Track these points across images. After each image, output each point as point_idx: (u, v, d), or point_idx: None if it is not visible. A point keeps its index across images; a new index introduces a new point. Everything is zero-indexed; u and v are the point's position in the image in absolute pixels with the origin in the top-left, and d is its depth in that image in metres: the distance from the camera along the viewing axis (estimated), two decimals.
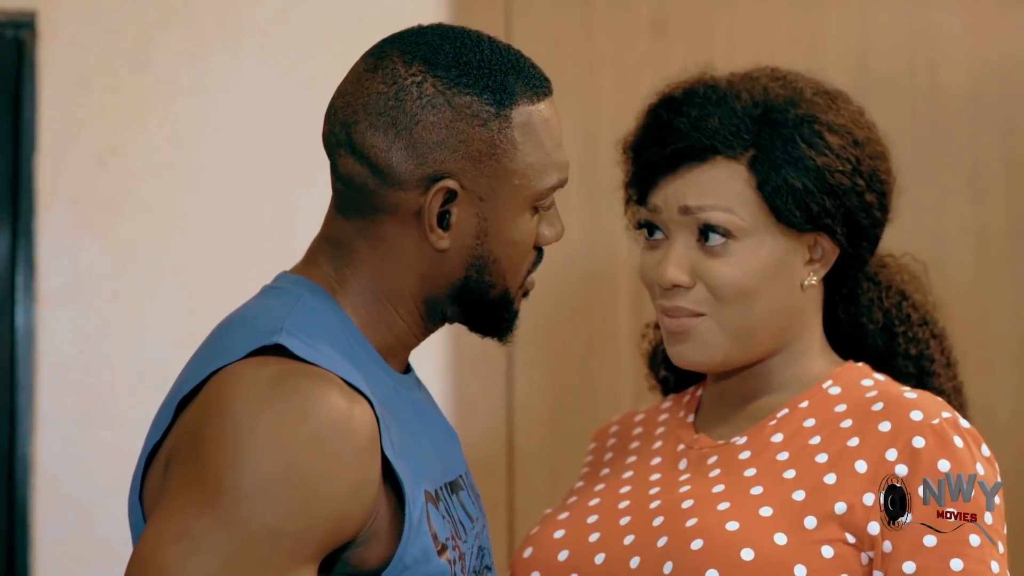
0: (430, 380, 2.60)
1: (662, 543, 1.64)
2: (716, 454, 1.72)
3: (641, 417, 1.89)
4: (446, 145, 1.47)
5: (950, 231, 2.57)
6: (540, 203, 1.54)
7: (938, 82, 2.57)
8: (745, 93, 1.71)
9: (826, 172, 1.69)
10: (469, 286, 1.53)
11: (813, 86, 1.75)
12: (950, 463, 1.61)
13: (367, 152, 1.48)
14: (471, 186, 1.49)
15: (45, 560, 2.58)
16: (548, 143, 1.52)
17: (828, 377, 1.74)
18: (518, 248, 1.53)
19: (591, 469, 1.87)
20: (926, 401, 1.67)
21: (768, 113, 1.70)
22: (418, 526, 1.45)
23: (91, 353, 2.61)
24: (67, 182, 2.62)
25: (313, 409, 1.38)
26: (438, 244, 1.49)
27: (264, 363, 1.41)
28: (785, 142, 1.68)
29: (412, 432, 1.52)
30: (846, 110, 1.74)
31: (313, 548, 1.37)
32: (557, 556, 1.70)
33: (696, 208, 1.68)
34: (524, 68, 1.51)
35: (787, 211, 1.68)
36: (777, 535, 1.60)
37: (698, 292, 1.69)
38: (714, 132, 1.68)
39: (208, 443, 1.37)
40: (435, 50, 1.49)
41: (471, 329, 1.59)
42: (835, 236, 1.71)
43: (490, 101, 1.48)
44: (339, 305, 1.51)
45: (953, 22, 2.58)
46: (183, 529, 1.34)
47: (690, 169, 1.70)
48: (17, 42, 2.63)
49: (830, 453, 1.66)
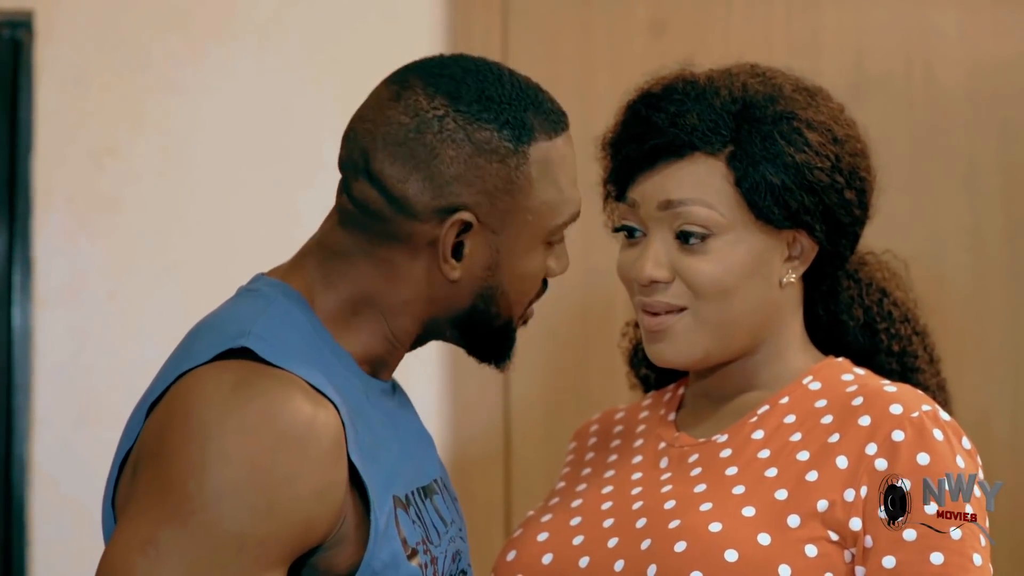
0: (427, 382, 2.61)
1: (646, 545, 1.63)
2: (697, 452, 1.72)
3: (621, 415, 1.89)
4: (463, 179, 1.48)
5: (946, 230, 2.57)
6: (552, 238, 1.55)
7: (934, 82, 2.57)
8: (724, 89, 1.71)
9: (805, 169, 1.68)
10: (474, 315, 1.54)
11: (792, 82, 1.74)
12: (929, 457, 1.61)
13: (384, 180, 1.48)
14: (486, 219, 1.50)
15: (42, 560, 2.58)
16: (563, 180, 1.53)
17: (808, 373, 1.74)
18: (527, 281, 1.55)
19: (572, 469, 1.86)
20: (906, 394, 1.67)
21: (747, 109, 1.70)
22: (385, 531, 1.45)
23: (88, 353, 2.61)
24: (64, 182, 2.62)
25: (276, 413, 1.38)
26: (451, 275, 1.50)
27: (228, 367, 1.41)
28: (764, 138, 1.68)
29: (382, 437, 1.52)
30: (825, 107, 1.74)
31: (279, 553, 1.37)
32: (541, 559, 1.70)
33: (677, 202, 1.68)
34: (543, 104, 1.52)
35: (766, 208, 1.68)
36: (760, 535, 1.60)
37: (677, 287, 1.69)
38: (692, 128, 1.68)
39: (171, 449, 1.37)
40: (458, 84, 1.49)
41: (469, 353, 1.60)
42: (814, 233, 1.71)
43: (509, 137, 1.49)
44: (313, 310, 1.51)
45: (949, 22, 2.58)
46: (148, 537, 1.34)
47: (668, 165, 1.69)
48: (14, 42, 2.63)
49: (811, 451, 1.66)
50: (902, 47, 2.59)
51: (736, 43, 2.60)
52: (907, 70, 2.58)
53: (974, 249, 2.56)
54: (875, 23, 2.60)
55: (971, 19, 2.58)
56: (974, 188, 2.56)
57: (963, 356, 2.54)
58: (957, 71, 2.58)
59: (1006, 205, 2.55)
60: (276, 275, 1.56)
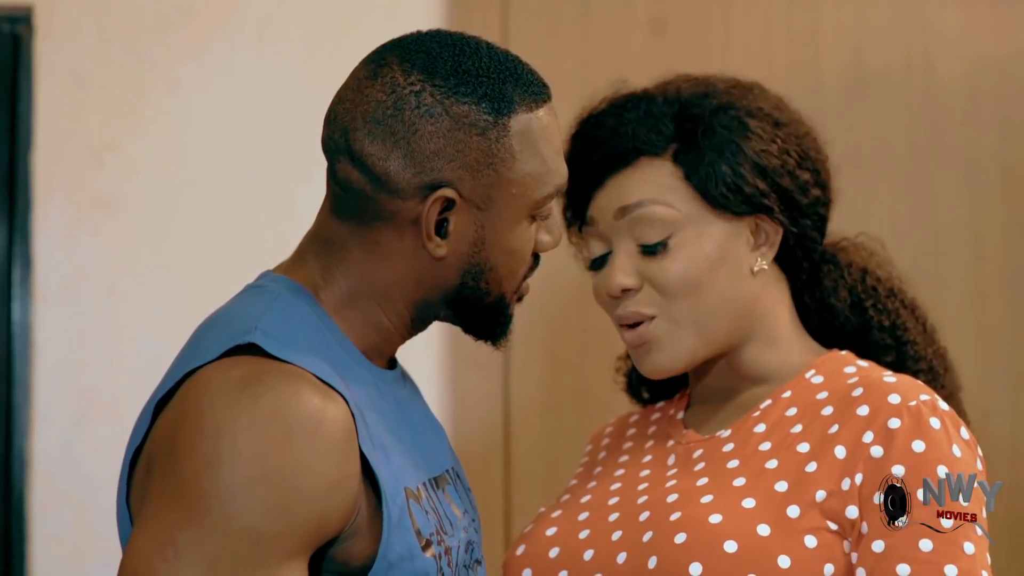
0: (427, 376, 2.61)
1: (647, 537, 1.64)
2: (701, 448, 1.73)
3: (636, 418, 1.91)
4: (444, 154, 1.47)
5: (946, 227, 2.57)
6: (538, 211, 1.54)
7: (934, 78, 2.58)
8: (659, 96, 1.75)
9: (752, 153, 1.70)
10: (464, 292, 1.53)
11: (727, 81, 1.78)
12: (925, 444, 1.62)
13: (365, 160, 1.48)
14: (469, 195, 1.49)
15: (42, 555, 2.58)
16: (546, 151, 1.52)
17: (811, 367, 1.75)
18: (515, 256, 1.54)
19: (585, 469, 1.88)
20: (905, 384, 1.68)
21: (685, 108, 1.73)
22: (398, 523, 1.45)
23: (88, 349, 2.61)
24: (63, 178, 2.62)
25: (286, 407, 1.38)
26: (436, 252, 1.49)
27: (236, 364, 1.41)
28: (705, 131, 1.71)
29: (393, 428, 1.52)
30: (762, 96, 1.76)
31: (295, 546, 1.37)
32: (548, 553, 1.71)
33: (631, 206, 1.71)
34: (522, 75, 1.51)
35: (719, 196, 1.70)
36: (760, 526, 1.61)
37: (646, 293, 1.71)
38: (633, 134, 1.71)
39: (183, 448, 1.37)
40: (434, 58, 1.49)
41: (465, 331, 1.59)
42: (773, 215, 1.72)
43: (488, 110, 1.48)
44: (320, 303, 1.51)
45: (949, 18, 2.58)
46: (166, 539, 1.34)
47: (617, 175, 1.73)
48: (13, 37, 2.63)
49: (811, 442, 1.66)
50: (902, 43, 2.59)
51: (736, 40, 2.60)
52: (907, 66, 2.58)
53: (973, 245, 2.56)
54: (875, 19, 2.60)
55: (971, 15, 2.58)
56: (973, 184, 2.56)
57: (963, 353, 2.53)
58: (957, 67, 2.58)
59: (1005, 201, 2.55)
60: (280, 270, 1.56)
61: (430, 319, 1.57)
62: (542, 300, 2.54)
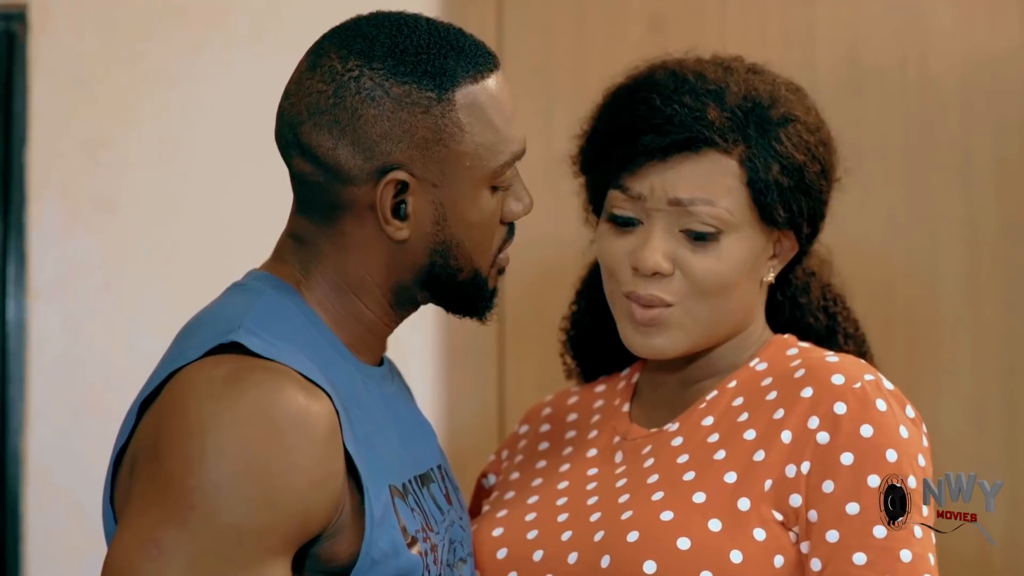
0: (421, 371, 2.61)
1: (599, 537, 1.64)
2: (650, 443, 1.73)
3: (575, 400, 1.89)
4: (391, 137, 1.47)
5: (941, 223, 2.57)
6: (498, 181, 1.53)
7: (929, 75, 2.57)
8: (734, 86, 1.71)
9: (805, 172, 1.71)
10: (435, 272, 1.52)
11: (784, 82, 1.76)
12: (873, 429, 1.61)
13: (315, 151, 1.48)
14: (422, 174, 1.48)
15: (37, 551, 2.58)
16: (497, 119, 1.51)
17: (755, 355, 1.75)
18: (481, 229, 1.53)
19: (525, 458, 1.86)
20: (848, 365, 1.67)
21: (756, 109, 1.70)
22: (382, 520, 1.45)
23: (82, 345, 2.61)
24: (58, 174, 2.62)
25: (269, 404, 1.38)
26: (396, 235, 1.49)
27: (219, 362, 1.41)
28: (773, 140, 1.69)
29: (379, 425, 1.52)
30: (813, 109, 1.76)
31: (279, 543, 1.37)
32: (496, 554, 1.70)
33: (688, 201, 1.68)
34: (464, 47, 1.50)
35: (771, 208, 1.69)
36: (711, 521, 1.60)
37: (675, 282, 1.69)
38: (711, 124, 1.68)
39: (167, 446, 1.38)
40: (370, 42, 1.48)
41: (448, 311, 1.59)
42: (800, 234, 1.73)
43: (430, 87, 1.47)
44: (305, 300, 1.51)
45: (944, 16, 2.58)
46: (150, 537, 1.34)
47: (683, 160, 1.69)
48: (8, 34, 2.63)
49: (758, 429, 1.66)
50: (897, 40, 2.59)
51: (731, 36, 2.60)
52: (902, 63, 2.58)
53: (968, 241, 2.56)
54: (869, 16, 2.60)
55: (966, 13, 2.58)
56: (969, 181, 2.56)
57: (958, 349, 2.54)
58: (952, 64, 2.58)
59: (1000, 198, 2.55)
60: (265, 268, 1.56)
61: (410, 303, 1.56)
62: (536, 294, 2.54)
